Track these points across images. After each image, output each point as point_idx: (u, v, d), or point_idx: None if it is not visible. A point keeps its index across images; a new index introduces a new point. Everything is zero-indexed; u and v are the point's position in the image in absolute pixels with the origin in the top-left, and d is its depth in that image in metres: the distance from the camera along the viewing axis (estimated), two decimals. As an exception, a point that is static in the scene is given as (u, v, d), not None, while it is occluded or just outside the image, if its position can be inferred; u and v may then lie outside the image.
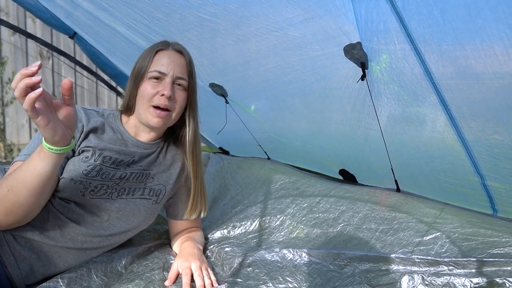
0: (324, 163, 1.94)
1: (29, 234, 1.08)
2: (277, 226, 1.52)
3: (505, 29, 0.86)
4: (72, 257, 1.15)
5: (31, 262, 1.09)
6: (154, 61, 1.22)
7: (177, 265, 1.18)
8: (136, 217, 1.24)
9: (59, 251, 1.12)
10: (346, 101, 1.44)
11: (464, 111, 1.11)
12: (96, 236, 1.17)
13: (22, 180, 0.95)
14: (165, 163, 1.33)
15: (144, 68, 1.22)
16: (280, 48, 1.40)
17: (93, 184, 1.14)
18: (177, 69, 1.22)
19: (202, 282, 1.11)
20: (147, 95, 1.19)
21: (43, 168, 0.94)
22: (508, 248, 1.09)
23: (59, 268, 1.13)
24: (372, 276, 1.11)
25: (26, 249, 1.08)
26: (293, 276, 1.13)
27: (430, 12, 0.94)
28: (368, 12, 1.07)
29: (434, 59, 1.04)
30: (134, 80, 1.24)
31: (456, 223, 1.26)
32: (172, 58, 1.23)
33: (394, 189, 1.59)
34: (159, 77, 1.21)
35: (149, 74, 1.21)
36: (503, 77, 0.96)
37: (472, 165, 1.24)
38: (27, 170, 0.95)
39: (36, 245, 1.09)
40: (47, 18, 2.25)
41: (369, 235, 1.33)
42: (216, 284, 1.12)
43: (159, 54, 1.24)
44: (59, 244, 1.11)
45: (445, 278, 1.02)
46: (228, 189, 1.95)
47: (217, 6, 1.35)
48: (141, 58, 1.26)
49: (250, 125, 2.09)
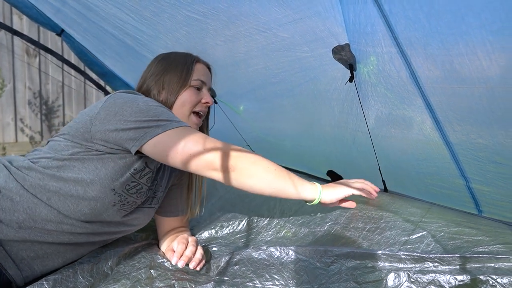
0: (312, 164, 1.96)
1: (30, 236, 1.06)
2: (264, 226, 1.52)
3: (488, 35, 0.88)
4: (70, 252, 1.14)
5: (29, 262, 1.07)
6: (195, 71, 1.28)
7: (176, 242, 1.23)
8: (140, 223, 1.28)
9: (58, 247, 1.11)
10: (334, 103, 1.45)
11: (449, 115, 1.13)
12: (97, 234, 1.17)
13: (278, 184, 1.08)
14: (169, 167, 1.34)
15: (187, 76, 1.26)
16: (269, 49, 1.40)
17: (128, 199, 1.14)
18: (210, 81, 1.35)
19: (194, 250, 1.18)
20: (191, 102, 1.25)
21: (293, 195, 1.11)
22: (492, 246, 1.11)
23: (57, 263, 1.13)
24: (359, 273, 1.12)
25: (24, 250, 1.06)
26: (280, 274, 1.14)
27: (416, 16, 0.96)
28: (356, 14, 1.08)
29: (420, 62, 1.06)
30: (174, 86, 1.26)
31: (442, 222, 1.28)
32: (206, 70, 1.33)
33: (382, 189, 1.61)
34: (200, 86, 1.28)
35: (193, 82, 1.26)
36: (486, 82, 0.97)
37: (457, 168, 1.26)
38: (290, 185, 1.09)
39: (37, 245, 1.08)
40: (34, 15, 2.22)
41: (356, 234, 1.34)
42: (202, 263, 1.19)
43: (198, 64, 1.30)
44: (61, 241, 1.10)
45: (430, 275, 1.04)
46: (217, 188, 1.94)
47: (206, 5, 1.35)
48: (174, 66, 1.27)
49: (239, 125, 2.09)
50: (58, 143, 1.12)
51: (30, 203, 1.05)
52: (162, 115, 1.06)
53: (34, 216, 1.06)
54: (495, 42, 0.88)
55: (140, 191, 1.15)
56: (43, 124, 4.41)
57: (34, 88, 4.29)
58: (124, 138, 1.04)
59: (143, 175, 1.13)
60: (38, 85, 4.30)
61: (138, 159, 1.10)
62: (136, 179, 1.12)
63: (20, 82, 4.19)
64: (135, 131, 1.03)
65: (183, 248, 1.18)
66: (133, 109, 1.05)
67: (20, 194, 1.05)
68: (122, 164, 1.08)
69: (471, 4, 0.85)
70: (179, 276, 1.16)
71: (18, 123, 4.20)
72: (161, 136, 1.02)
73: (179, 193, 1.41)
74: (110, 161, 1.07)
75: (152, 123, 1.03)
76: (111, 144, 1.06)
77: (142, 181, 1.14)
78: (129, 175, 1.10)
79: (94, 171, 1.06)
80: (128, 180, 1.10)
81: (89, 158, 1.07)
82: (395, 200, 1.49)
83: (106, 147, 1.07)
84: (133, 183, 1.12)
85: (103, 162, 1.07)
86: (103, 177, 1.07)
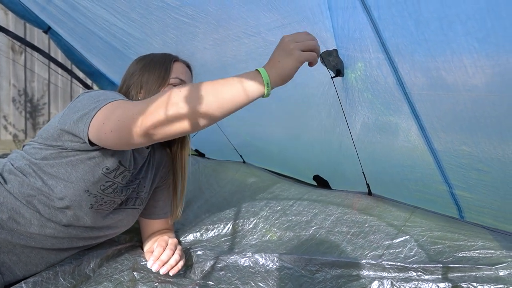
0: (298, 168, 1.96)
1: (13, 238, 1.05)
2: (250, 229, 1.52)
3: (473, 43, 0.89)
4: (53, 256, 1.13)
5: (11, 265, 1.06)
6: (174, 70, 1.25)
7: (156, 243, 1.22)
8: (124, 225, 1.27)
9: (41, 252, 1.10)
10: (321, 108, 1.45)
11: (434, 122, 1.14)
12: (81, 239, 1.17)
13: (221, 90, 0.88)
14: (154, 166, 1.33)
15: (165, 75, 1.23)
16: (257, 53, 1.40)
17: (105, 199, 1.13)
18: (190, 80, 1.31)
19: (171, 254, 1.17)
20: None
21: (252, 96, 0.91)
22: (472, 251, 1.13)
23: (40, 267, 1.11)
24: (343, 282, 1.13)
25: (5, 253, 1.05)
26: (265, 281, 1.14)
27: (405, 23, 0.97)
28: (345, 20, 1.09)
29: (407, 69, 1.06)
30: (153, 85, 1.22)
31: (425, 226, 1.30)
32: (185, 68, 1.30)
33: (366, 192, 1.62)
34: (179, 84, 1.23)
35: (171, 81, 1.23)
36: (472, 90, 0.99)
37: (441, 174, 1.27)
38: (235, 85, 0.89)
39: (19, 248, 1.06)
40: (20, 11, 2.19)
41: (341, 238, 1.35)
42: (180, 265, 1.18)
43: (177, 63, 1.28)
44: (43, 246, 1.09)
45: (413, 284, 1.05)
46: (203, 191, 1.94)
47: (195, 8, 1.35)
48: (153, 65, 1.24)
49: (226, 129, 2.09)
50: (32, 147, 1.12)
51: (13, 204, 1.05)
52: (103, 95, 1.01)
53: (17, 217, 1.05)
54: (480, 50, 0.89)
55: (116, 190, 1.14)
56: (27, 122, 4.34)
57: (19, 86, 4.22)
58: (76, 128, 1.00)
59: (118, 174, 1.12)
60: (23, 82, 4.23)
61: (109, 157, 1.08)
62: (110, 179, 1.11)
63: (4, 79, 4.12)
64: (81, 116, 0.99)
65: (160, 252, 1.18)
66: (86, 99, 1.03)
67: (3, 195, 1.06)
68: (92, 165, 1.07)
69: (458, 12, 0.86)
70: (162, 278, 1.15)
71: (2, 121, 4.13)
72: (97, 115, 0.96)
73: (164, 195, 1.40)
74: (80, 163, 1.06)
75: (93, 105, 0.98)
76: (76, 138, 1.03)
77: (117, 180, 1.13)
78: (102, 174, 1.08)
79: (64, 175, 1.06)
80: (101, 180, 1.09)
81: (60, 163, 1.06)
82: (379, 204, 1.50)
83: (73, 142, 1.04)
84: (108, 182, 1.11)
85: (73, 165, 1.06)
86: (75, 180, 1.06)
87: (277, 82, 0.94)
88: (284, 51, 0.94)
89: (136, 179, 1.24)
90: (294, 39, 0.94)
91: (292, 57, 0.93)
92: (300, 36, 0.95)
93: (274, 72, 0.93)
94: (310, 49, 0.96)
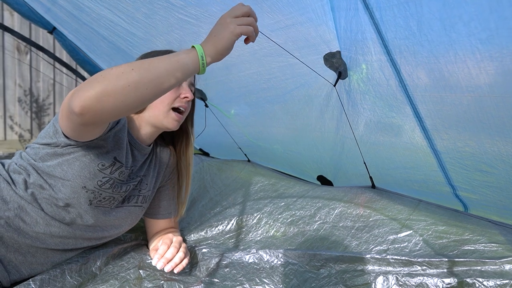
0: (302, 169, 1.96)
1: (20, 237, 1.07)
2: (254, 225, 1.53)
3: (477, 44, 0.89)
4: (59, 256, 1.15)
5: (17, 264, 1.08)
6: None
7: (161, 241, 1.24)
8: (128, 223, 1.28)
9: (47, 252, 1.12)
10: (324, 109, 1.46)
11: (437, 123, 1.14)
12: (86, 239, 1.19)
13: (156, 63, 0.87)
14: (157, 165, 1.34)
15: None
16: (261, 54, 1.41)
17: (103, 195, 1.14)
18: (192, 77, 1.28)
19: (175, 252, 1.19)
20: (169, 97, 1.20)
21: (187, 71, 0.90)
22: (478, 245, 1.13)
23: (45, 267, 1.13)
24: (348, 277, 1.13)
25: (12, 252, 1.07)
26: (270, 278, 1.15)
27: (407, 24, 0.97)
28: (347, 21, 1.09)
29: (410, 70, 1.06)
30: None
31: (430, 220, 1.29)
32: None
33: (369, 185, 1.62)
34: None
35: None
36: (475, 91, 0.99)
37: (444, 176, 1.27)
38: (169, 58, 0.88)
39: (25, 248, 1.08)
40: (25, 12, 2.21)
41: (345, 232, 1.35)
42: (185, 263, 1.20)
43: None
44: (48, 246, 1.11)
45: (418, 279, 1.05)
46: (207, 190, 1.95)
47: (199, 8, 1.35)
48: None
49: (230, 129, 2.10)
50: (31, 147, 1.15)
51: (19, 203, 1.08)
52: None
53: (23, 216, 1.07)
54: (484, 51, 0.89)
55: (114, 185, 1.15)
56: (33, 122, 4.36)
57: (25, 86, 4.25)
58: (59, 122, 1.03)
59: (114, 170, 1.14)
60: (28, 82, 4.26)
61: (103, 153, 1.10)
62: (107, 175, 1.12)
63: (10, 79, 4.15)
64: None
65: (165, 250, 1.20)
66: None
67: (10, 194, 1.08)
68: (87, 161, 1.08)
69: (460, 13, 0.86)
70: (168, 276, 1.16)
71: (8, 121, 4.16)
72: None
73: (168, 194, 1.41)
74: (75, 161, 1.08)
75: None
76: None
77: (114, 176, 1.14)
78: (98, 170, 1.10)
79: (61, 173, 1.08)
80: (97, 175, 1.10)
81: (56, 163, 1.08)
82: (383, 197, 1.50)
83: (67, 138, 1.05)
84: (104, 178, 1.12)
85: (68, 164, 1.08)
86: (71, 177, 1.08)
87: (212, 55, 0.93)
88: (220, 25, 0.94)
89: (137, 176, 1.25)
90: (231, 14, 0.94)
91: (227, 30, 0.92)
92: (236, 9, 0.95)
93: (210, 46, 0.93)
94: (246, 24, 0.94)
